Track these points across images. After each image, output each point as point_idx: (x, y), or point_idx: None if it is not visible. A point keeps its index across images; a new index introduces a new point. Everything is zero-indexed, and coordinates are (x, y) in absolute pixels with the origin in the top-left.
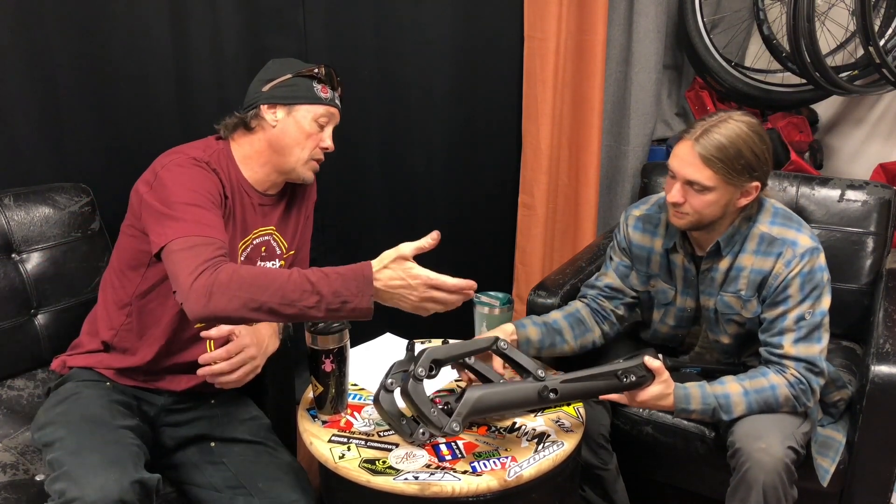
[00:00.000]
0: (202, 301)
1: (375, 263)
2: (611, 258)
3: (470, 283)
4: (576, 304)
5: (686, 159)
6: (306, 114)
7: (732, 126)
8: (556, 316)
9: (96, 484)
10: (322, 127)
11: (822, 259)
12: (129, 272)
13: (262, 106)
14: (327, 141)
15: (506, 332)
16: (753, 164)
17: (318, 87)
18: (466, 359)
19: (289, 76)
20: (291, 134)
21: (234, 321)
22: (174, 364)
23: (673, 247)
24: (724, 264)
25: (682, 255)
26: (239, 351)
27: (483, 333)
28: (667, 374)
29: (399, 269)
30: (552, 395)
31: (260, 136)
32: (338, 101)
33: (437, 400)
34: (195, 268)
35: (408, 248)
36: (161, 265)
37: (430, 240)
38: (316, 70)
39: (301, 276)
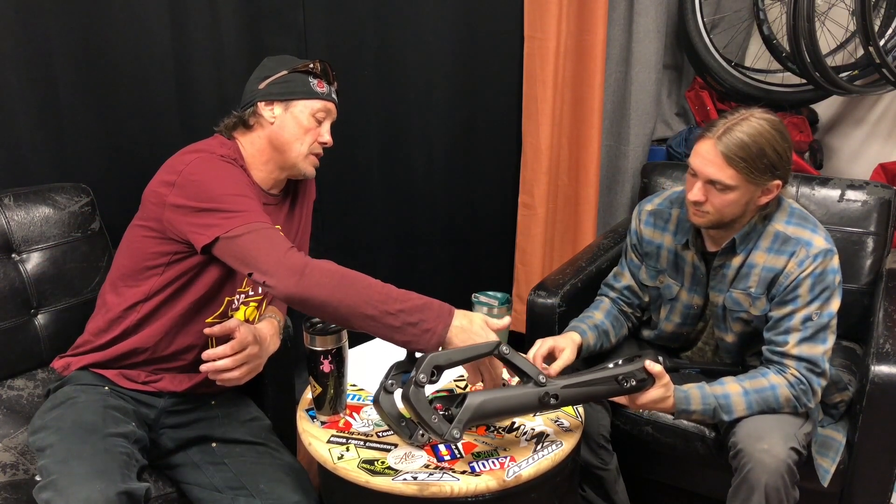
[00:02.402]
0: (294, 278)
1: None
2: (625, 254)
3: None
4: (607, 301)
5: (708, 158)
6: (303, 109)
7: (754, 124)
8: (599, 317)
9: (81, 495)
10: (320, 122)
11: (835, 261)
12: (146, 272)
13: (259, 103)
14: (326, 136)
15: (574, 340)
16: (776, 163)
17: (313, 82)
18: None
19: (284, 72)
20: (290, 130)
21: (314, 309)
22: (175, 355)
23: (685, 243)
24: (736, 261)
25: (692, 253)
26: (242, 348)
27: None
28: (667, 377)
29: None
30: (553, 401)
31: (259, 133)
32: (334, 96)
33: (438, 406)
34: (282, 246)
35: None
36: (187, 261)
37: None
38: (311, 65)
39: (387, 285)
